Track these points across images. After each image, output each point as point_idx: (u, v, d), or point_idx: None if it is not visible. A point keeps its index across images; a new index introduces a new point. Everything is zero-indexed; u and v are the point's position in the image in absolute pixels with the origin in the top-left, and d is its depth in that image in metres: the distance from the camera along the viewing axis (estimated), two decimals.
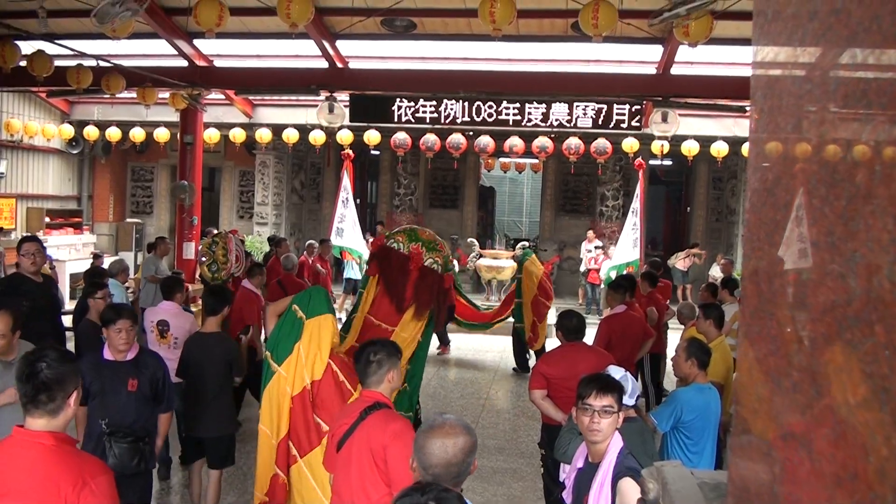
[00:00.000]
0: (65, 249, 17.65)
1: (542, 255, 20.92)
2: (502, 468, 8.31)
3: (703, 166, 20.22)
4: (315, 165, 22.54)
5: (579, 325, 6.34)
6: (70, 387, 3.16)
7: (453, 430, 2.82)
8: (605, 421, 3.78)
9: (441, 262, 7.04)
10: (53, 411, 3.10)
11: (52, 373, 3.10)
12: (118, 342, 5.21)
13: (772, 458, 0.86)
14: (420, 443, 2.82)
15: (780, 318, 0.88)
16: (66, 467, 3.01)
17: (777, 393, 0.87)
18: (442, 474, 2.75)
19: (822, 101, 0.99)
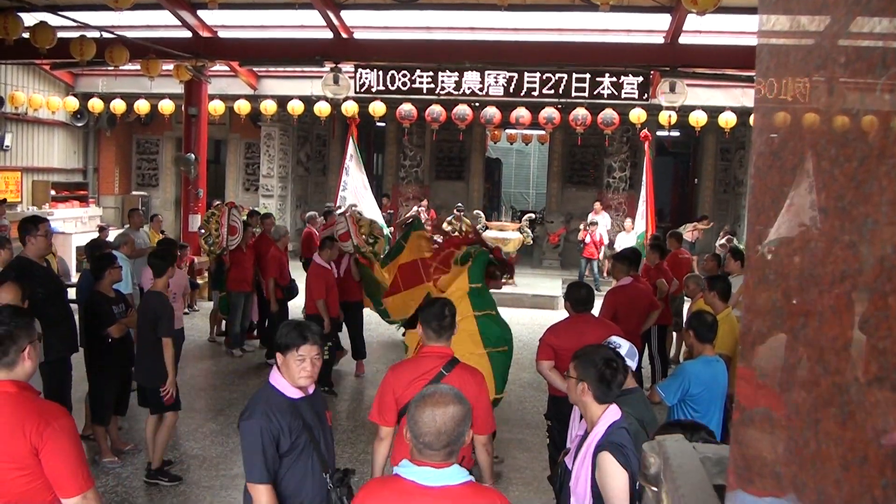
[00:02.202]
0: (71, 222, 17.65)
1: (549, 227, 20.92)
2: (507, 439, 8.30)
3: (711, 137, 20.09)
4: (321, 137, 22.46)
5: (588, 297, 6.31)
6: (23, 341, 3.38)
7: (444, 400, 2.80)
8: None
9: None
10: (9, 364, 3.34)
11: (4, 329, 3.34)
12: (300, 372, 3.85)
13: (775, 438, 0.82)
14: (411, 412, 2.81)
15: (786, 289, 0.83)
16: (28, 410, 3.26)
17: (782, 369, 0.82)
18: (433, 443, 2.74)
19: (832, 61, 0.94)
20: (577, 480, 3.66)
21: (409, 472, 2.77)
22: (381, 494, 2.80)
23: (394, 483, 2.80)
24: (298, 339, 3.80)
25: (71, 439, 3.29)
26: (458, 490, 2.76)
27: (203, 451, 7.74)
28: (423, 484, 2.73)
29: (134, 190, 21.83)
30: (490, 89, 14.83)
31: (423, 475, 2.74)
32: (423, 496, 2.72)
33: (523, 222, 17.88)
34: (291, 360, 3.82)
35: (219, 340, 12.07)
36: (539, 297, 16.69)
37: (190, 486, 6.89)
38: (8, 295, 5.21)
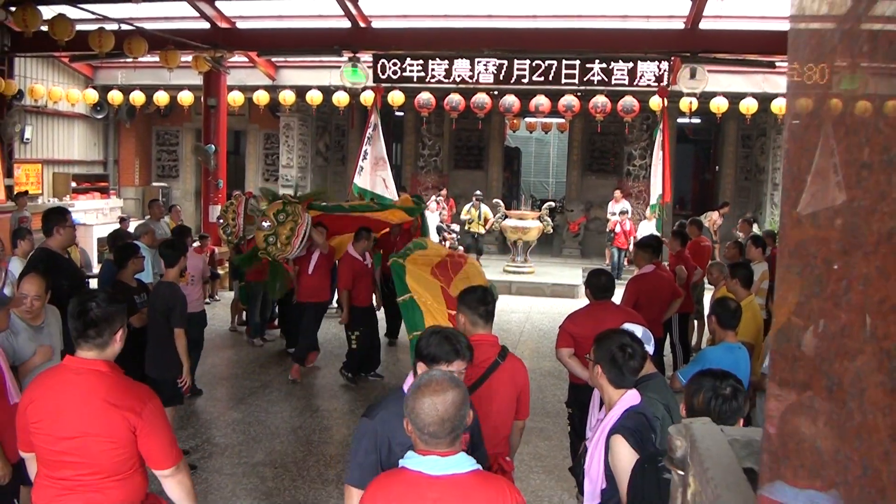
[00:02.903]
0: (92, 214, 17.74)
1: (569, 216, 20.86)
2: (528, 427, 8.16)
3: (732, 124, 19.90)
4: (339, 127, 22.45)
5: (608, 284, 6.27)
6: (116, 325, 3.58)
7: (441, 387, 2.76)
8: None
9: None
10: (101, 345, 3.53)
11: (100, 312, 3.51)
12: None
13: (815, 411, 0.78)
14: (411, 405, 2.76)
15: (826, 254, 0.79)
16: (124, 391, 3.49)
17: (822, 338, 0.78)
18: (438, 432, 2.71)
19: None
20: (591, 462, 3.69)
21: (414, 462, 2.74)
22: (390, 488, 2.76)
23: (400, 475, 2.77)
24: (451, 354, 3.49)
25: (163, 417, 3.56)
26: (466, 478, 2.74)
27: (224, 438, 7.77)
28: (430, 473, 2.71)
29: (154, 181, 21.90)
30: (480, 77, 14.85)
31: (429, 465, 2.72)
32: (430, 486, 2.70)
33: (543, 211, 17.82)
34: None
35: (240, 330, 12.11)
36: (559, 285, 16.65)
37: (212, 474, 6.92)
38: (32, 287, 5.21)
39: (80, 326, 3.51)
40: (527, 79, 14.76)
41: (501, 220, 17.47)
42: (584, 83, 14.54)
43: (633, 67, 14.24)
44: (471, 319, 4.46)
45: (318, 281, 9.95)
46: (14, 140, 16.64)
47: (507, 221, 17.52)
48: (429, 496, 2.69)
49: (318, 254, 9.82)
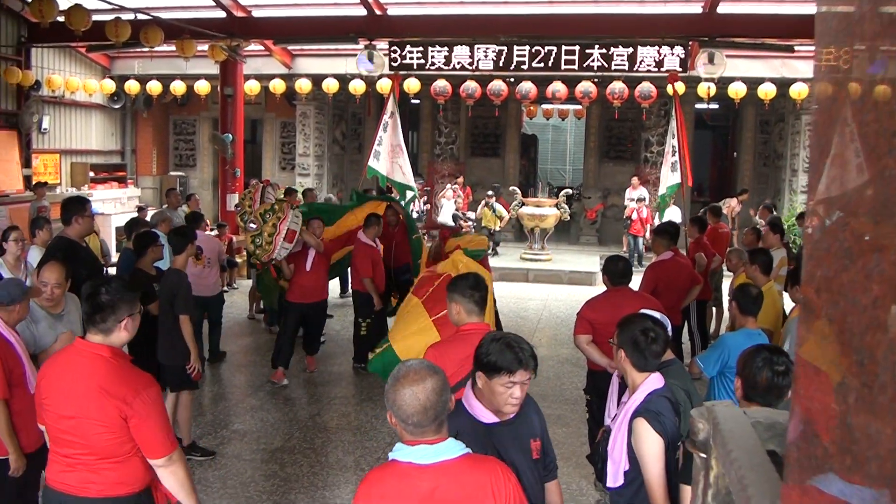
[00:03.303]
0: (110, 203, 17.81)
1: (587, 203, 20.79)
2: (546, 414, 8.16)
3: (750, 110, 19.76)
4: (356, 116, 22.44)
5: (625, 270, 6.25)
6: (122, 313, 3.63)
7: (419, 375, 2.75)
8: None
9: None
10: (106, 331, 3.61)
11: (107, 298, 3.60)
12: (507, 399, 3.26)
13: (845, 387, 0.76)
14: (391, 398, 2.74)
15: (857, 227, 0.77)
16: (120, 378, 3.54)
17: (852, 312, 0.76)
18: (422, 421, 2.70)
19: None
20: (614, 445, 3.69)
21: (404, 454, 2.73)
22: (382, 482, 2.74)
23: (391, 468, 2.75)
24: (514, 363, 3.19)
25: (157, 407, 3.59)
26: (456, 463, 2.73)
27: (243, 425, 7.82)
28: (420, 463, 2.70)
29: (171, 170, 21.96)
30: (480, 63, 14.80)
31: (419, 454, 2.71)
32: (421, 475, 2.69)
33: (560, 198, 17.78)
34: (498, 384, 3.21)
35: (258, 318, 12.17)
36: (576, 273, 16.63)
37: (231, 459, 6.96)
38: (52, 275, 5.26)
39: (88, 310, 3.64)
40: (526, 65, 14.71)
41: (518, 208, 17.43)
42: (584, 69, 14.47)
43: (633, 53, 14.18)
44: (465, 308, 4.35)
45: (315, 280, 9.39)
46: (32, 130, 16.72)
47: (524, 209, 17.48)
48: (422, 486, 2.68)
49: (313, 251, 9.28)
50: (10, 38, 16.02)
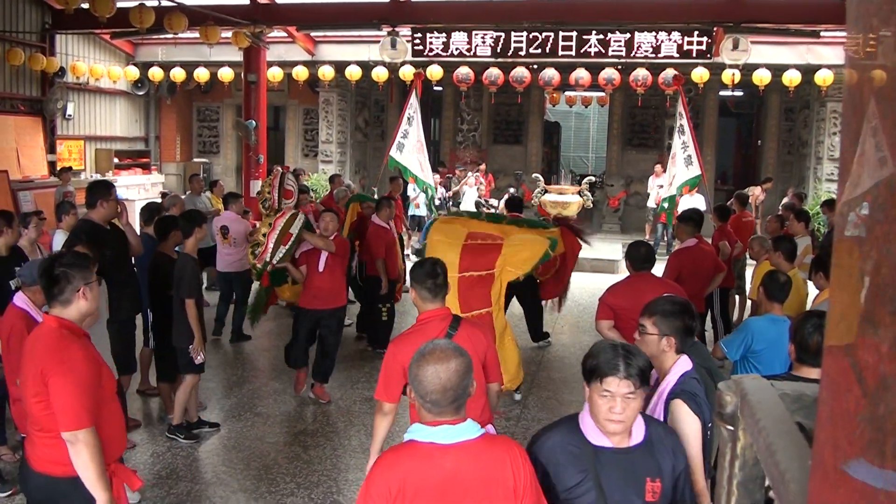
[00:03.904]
0: (134, 189, 17.94)
1: (609, 191, 20.71)
2: (568, 400, 8.30)
3: (775, 97, 19.59)
4: (379, 103, 22.45)
5: (648, 255, 6.24)
6: (78, 283, 3.72)
7: (444, 355, 2.77)
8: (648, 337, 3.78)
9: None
10: (65, 302, 3.71)
11: (61, 270, 3.70)
12: (607, 414, 2.92)
13: (878, 337, 0.76)
14: (414, 372, 2.77)
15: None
16: (50, 347, 3.60)
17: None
18: (440, 400, 2.72)
19: None
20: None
21: (425, 434, 2.73)
22: (401, 463, 2.72)
23: (411, 448, 2.74)
24: (608, 366, 2.89)
25: (75, 379, 3.53)
26: (476, 444, 2.75)
27: (267, 408, 7.87)
28: (442, 443, 2.70)
29: (195, 157, 22.07)
30: (478, 50, 14.85)
31: (441, 434, 2.71)
32: (444, 455, 2.69)
33: (583, 185, 17.71)
34: (595, 393, 2.92)
35: (281, 303, 12.21)
36: (599, 260, 16.54)
37: (254, 442, 7.02)
38: None
39: (45, 284, 3.75)
40: (524, 51, 14.77)
41: (541, 195, 17.37)
42: (580, 55, 14.47)
43: (630, 38, 14.19)
44: (420, 294, 4.39)
45: (329, 283, 8.06)
46: (56, 117, 16.85)
47: (547, 196, 17.41)
48: (445, 466, 2.68)
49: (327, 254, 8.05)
50: (35, 25, 16.13)
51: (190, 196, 12.74)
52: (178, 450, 6.78)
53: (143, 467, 6.43)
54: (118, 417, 3.90)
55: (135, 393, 7.84)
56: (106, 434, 3.66)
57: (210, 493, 6.01)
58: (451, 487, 2.67)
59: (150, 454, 6.71)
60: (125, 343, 7.04)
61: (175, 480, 6.20)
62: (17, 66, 15.35)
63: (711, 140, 19.92)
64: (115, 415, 3.85)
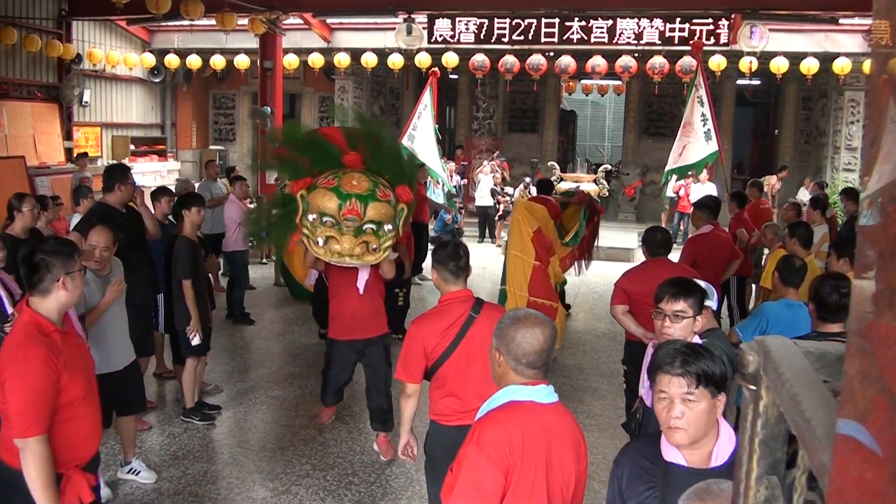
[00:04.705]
0: (150, 176, 17.98)
1: (625, 179, 20.64)
2: (582, 386, 8.30)
3: (793, 86, 19.46)
4: (394, 90, 22.42)
5: (664, 240, 6.23)
6: (58, 272, 3.58)
7: (539, 320, 2.92)
8: (678, 325, 3.84)
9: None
10: (44, 291, 3.58)
11: (41, 258, 3.58)
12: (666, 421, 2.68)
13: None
14: (510, 334, 2.88)
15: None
16: (12, 342, 3.49)
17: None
18: (535, 361, 2.86)
19: None
20: None
21: (524, 394, 2.85)
22: (514, 420, 2.80)
23: (517, 407, 2.84)
24: (663, 360, 2.72)
25: (29, 385, 3.37)
26: (560, 406, 2.94)
27: (283, 392, 7.92)
28: (542, 402, 2.85)
29: (211, 144, 22.11)
30: (461, 36, 14.94)
31: (540, 394, 2.86)
32: (544, 413, 2.84)
33: (599, 174, 17.68)
34: (655, 396, 2.74)
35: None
36: (614, 249, 16.52)
37: (270, 425, 7.07)
38: (101, 238, 5.42)
39: (25, 272, 3.64)
40: (506, 38, 14.84)
41: (557, 183, 17.32)
42: (563, 41, 14.45)
43: (613, 25, 14.21)
44: (441, 275, 4.40)
45: (371, 306, 6.46)
46: (73, 103, 16.89)
47: (563, 184, 17.37)
48: (546, 422, 2.83)
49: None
50: (51, 12, 16.18)
51: (205, 182, 12.80)
52: (194, 431, 6.83)
53: (160, 448, 6.48)
54: (88, 421, 3.73)
55: (151, 376, 7.88)
56: (68, 439, 3.56)
57: (226, 473, 6.05)
58: (552, 443, 2.81)
59: (167, 435, 6.76)
60: (141, 326, 7.07)
61: (191, 461, 6.24)
62: (33, 52, 15.40)
63: (728, 129, 19.80)
64: (84, 419, 3.69)
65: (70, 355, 3.58)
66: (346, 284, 6.26)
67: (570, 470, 2.89)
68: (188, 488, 5.77)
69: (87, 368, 3.77)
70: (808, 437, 0.94)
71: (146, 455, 6.28)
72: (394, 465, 6.21)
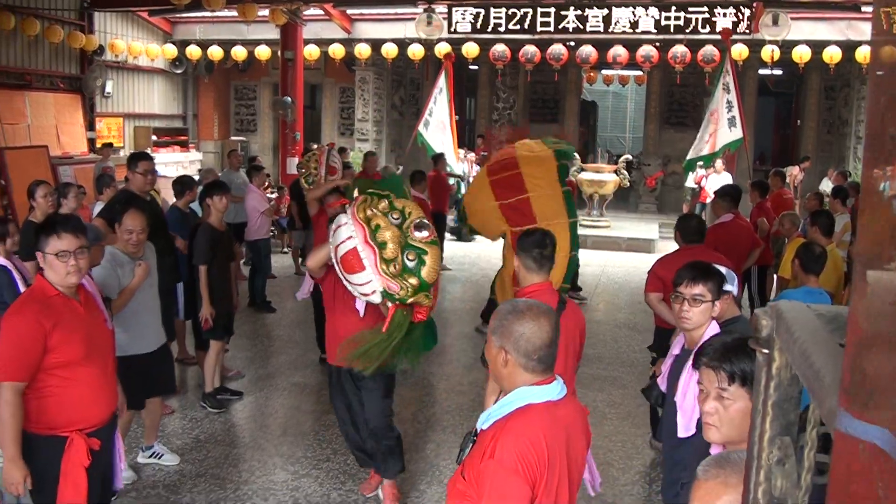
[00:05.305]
0: (172, 166, 18.08)
1: (646, 170, 20.56)
2: (602, 375, 8.30)
3: (815, 76, 19.29)
4: (414, 81, 22.43)
5: (699, 228, 6.26)
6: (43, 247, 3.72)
7: (540, 310, 2.66)
8: (696, 309, 3.78)
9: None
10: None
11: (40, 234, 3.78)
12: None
13: None
14: (518, 329, 2.59)
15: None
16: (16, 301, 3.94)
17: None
18: (547, 356, 2.61)
19: None
20: (685, 396, 3.59)
21: (539, 395, 2.59)
22: (535, 425, 2.52)
23: (534, 411, 2.56)
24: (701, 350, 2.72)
25: (14, 331, 3.61)
26: (571, 397, 2.83)
27: (304, 378, 7.97)
28: (556, 399, 2.61)
29: (232, 135, 22.21)
30: (458, 26, 15.07)
31: (554, 391, 2.62)
32: (559, 410, 2.62)
33: (620, 164, 17.62)
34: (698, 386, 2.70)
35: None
36: (634, 239, 16.53)
37: (290, 411, 7.13)
38: (136, 222, 5.50)
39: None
40: (503, 27, 14.84)
41: (577, 174, 17.28)
42: (559, 31, 14.46)
43: (608, 14, 14.20)
44: (524, 263, 4.21)
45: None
46: (95, 94, 16.99)
47: (583, 174, 17.33)
48: (563, 420, 2.62)
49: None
50: (74, 3, 16.27)
51: (228, 171, 12.86)
52: (216, 416, 6.90)
53: (182, 432, 6.55)
54: (88, 386, 3.81)
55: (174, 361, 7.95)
56: (65, 401, 3.70)
57: (247, 456, 6.10)
58: (570, 440, 2.64)
59: (189, 419, 6.83)
60: (165, 312, 7.13)
61: (213, 444, 6.30)
62: (56, 43, 15.50)
63: (750, 120, 19.63)
64: (84, 384, 3.78)
65: (67, 318, 3.71)
66: (343, 303, 5.06)
67: (583, 457, 2.80)
68: (210, 471, 5.83)
69: (91, 336, 3.83)
70: (818, 387, 0.96)
71: (168, 439, 6.35)
72: (413, 450, 6.24)
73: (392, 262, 3.97)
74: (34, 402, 3.65)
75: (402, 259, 3.99)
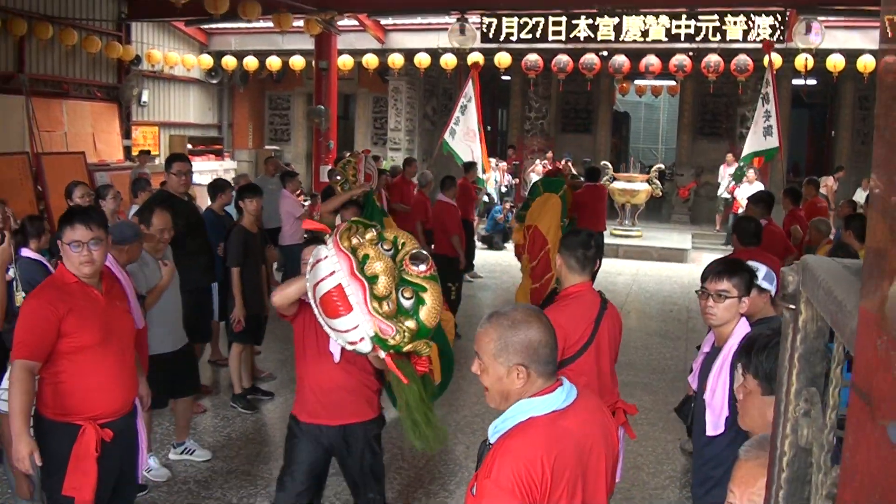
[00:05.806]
0: (207, 175, 18.26)
1: (679, 181, 20.46)
2: (632, 381, 8.27)
3: (849, 85, 19.09)
4: (447, 91, 22.49)
5: (756, 230, 6.25)
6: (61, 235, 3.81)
7: (533, 311, 2.51)
8: (721, 305, 3.68)
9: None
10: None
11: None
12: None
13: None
14: (523, 339, 2.40)
15: None
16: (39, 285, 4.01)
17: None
18: (551, 358, 2.46)
19: None
20: (714, 393, 3.54)
21: (543, 406, 2.41)
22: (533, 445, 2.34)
23: (535, 427, 2.38)
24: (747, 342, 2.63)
25: (28, 311, 3.72)
26: (581, 397, 2.54)
27: None
28: (562, 408, 2.42)
29: (266, 144, 22.41)
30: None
31: (559, 399, 2.44)
32: (565, 420, 2.42)
33: (652, 173, 17.56)
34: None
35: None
36: (667, 249, 16.45)
37: None
38: (162, 221, 5.58)
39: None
40: (515, 37, 14.84)
41: (609, 183, 17.24)
42: (571, 40, 14.42)
43: (619, 23, 14.21)
44: (567, 263, 4.14)
45: (356, 377, 4.22)
46: (132, 103, 17.25)
47: (616, 184, 17.30)
48: (571, 429, 2.42)
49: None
50: (111, 14, 16.54)
51: (262, 178, 12.98)
52: (248, 415, 6.96)
53: (213, 430, 6.61)
54: (104, 375, 3.82)
55: (206, 362, 8.02)
56: (78, 387, 3.74)
57: (278, 454, 6.10)
58: (584, 449, 2.43)
59: (221, 418, 6.89)
60: (196, 312, 7.14)
61: (245, 442, 6.36)
62: (93, 53, 15.75)
63: (784, 131, 19.47)
64: (98, 373, 3.79)
65: (84, 305, 3.78)
66: (315, 346, 4.12)
67: (607, 460, 2.55)
68: (241, 468, 5.88)
69: (109, 325, 3.87)
70: (840, 316, 0.97)
71: (200, 436, 6.40)
72: (443, 450, 6.25)
73: (385, 300, 3.21)
74: (50, 388, 3.72)
75: (396, 297, 3.26)
